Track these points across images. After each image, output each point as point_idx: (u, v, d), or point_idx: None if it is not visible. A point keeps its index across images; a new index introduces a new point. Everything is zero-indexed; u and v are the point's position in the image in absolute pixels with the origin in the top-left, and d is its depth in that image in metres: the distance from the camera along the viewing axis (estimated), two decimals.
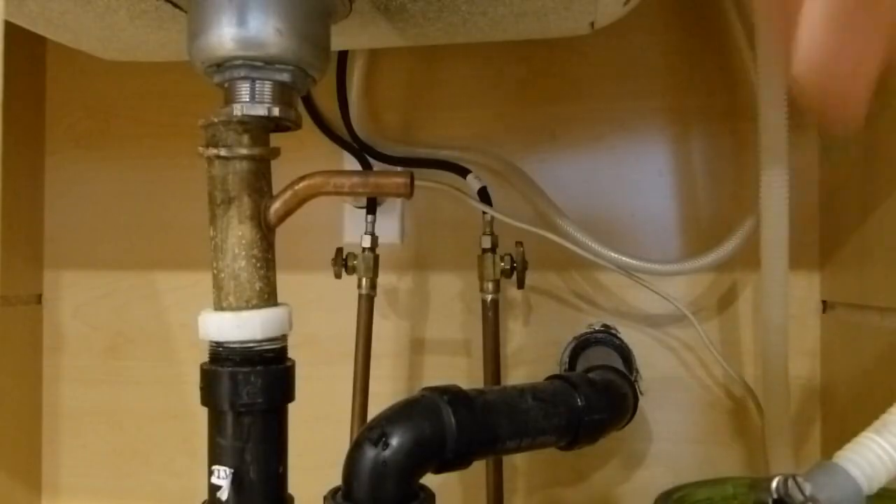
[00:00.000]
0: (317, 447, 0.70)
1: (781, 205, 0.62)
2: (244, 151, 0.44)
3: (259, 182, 0.44)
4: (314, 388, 0.81)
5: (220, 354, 0.43)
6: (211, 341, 0.44)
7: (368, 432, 0.44)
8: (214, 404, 0.43)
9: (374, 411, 0.47)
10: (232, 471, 0.42)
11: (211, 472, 0.43)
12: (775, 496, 0.38)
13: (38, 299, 0.90)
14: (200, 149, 0.44)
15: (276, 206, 0.45)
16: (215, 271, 0.44)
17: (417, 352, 0.83)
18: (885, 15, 0.29)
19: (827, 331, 0.74)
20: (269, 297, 0.44)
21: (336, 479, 0.45)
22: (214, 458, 0.43)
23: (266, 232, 0.45)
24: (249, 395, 0.42)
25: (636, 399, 0.65)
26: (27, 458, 0.89)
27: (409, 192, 0.46)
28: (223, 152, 0.43)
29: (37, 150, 0.90)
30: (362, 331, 0.76)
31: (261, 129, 0.45)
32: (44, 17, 0.55)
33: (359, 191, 0.46)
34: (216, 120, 0.44)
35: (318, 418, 0.81)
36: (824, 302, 0.74)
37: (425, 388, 0.48)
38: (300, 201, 0.45)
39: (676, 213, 0.78)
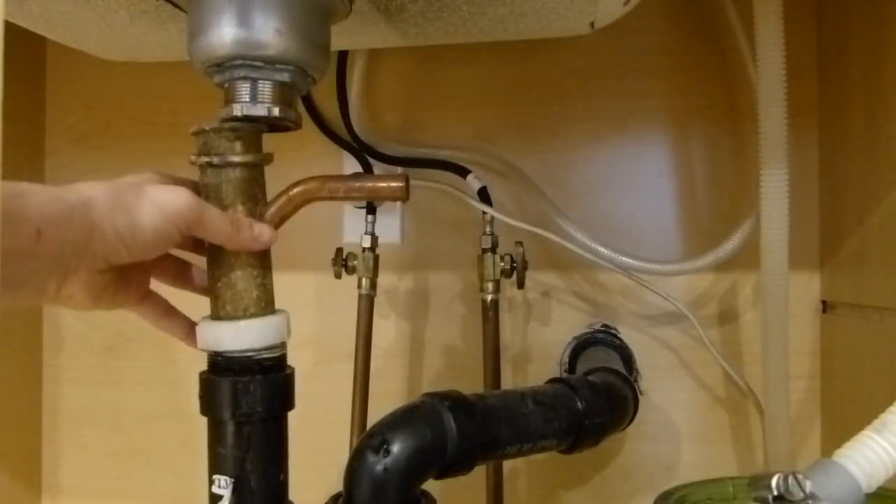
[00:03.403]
0: (317, 447, 0.70)
1: (781, 205, 0.62)
2: (237, 159, 0.43)
3: (253, 189, 0.44)
4: (314, 388, 0.81)
5: (219, 364, 0.43)
6: (209, 351, 0.44)
7: (369, 439, 0.44)
8: (214, 414, 0.43)
9: (374, 411, 0.47)
10: (233, 480, 0.42)
11: (212, 482, 0.42)
12: (776, 493, 0.38)
13: None
14: (192, 157, 0.43)
15: (271, 212, 0.44)
16: (212, 280, 0.44)
17: (417, 352, 0.82)
18: None
19: (827, 331, 0.74)
20: (266, 305, 0.44)
21: (336, 479, 0.44)
22: (215, 467, 0.43)
23: None
24: (249, 405, 0.42)
25: (636, 400, 0.65)
26: (27, 458, 0.89)
27: (405, 196, 0.46)
28: (215, 160, 0.43)
29: (37, 150, 0.90)
30: (362, 331, 0.76)
31: (253, 134, 0.44)
32: (44, 17, 0.55)
33: (354, 195, 0.46)
34: (207, 128, 0.43)
35: (318, 418, 0.81)
36: (824, 302, 0.74)
37: (426, 394, 0.48)
38: (295, 207, 0.45)
39: (676, 213, 0.78)
